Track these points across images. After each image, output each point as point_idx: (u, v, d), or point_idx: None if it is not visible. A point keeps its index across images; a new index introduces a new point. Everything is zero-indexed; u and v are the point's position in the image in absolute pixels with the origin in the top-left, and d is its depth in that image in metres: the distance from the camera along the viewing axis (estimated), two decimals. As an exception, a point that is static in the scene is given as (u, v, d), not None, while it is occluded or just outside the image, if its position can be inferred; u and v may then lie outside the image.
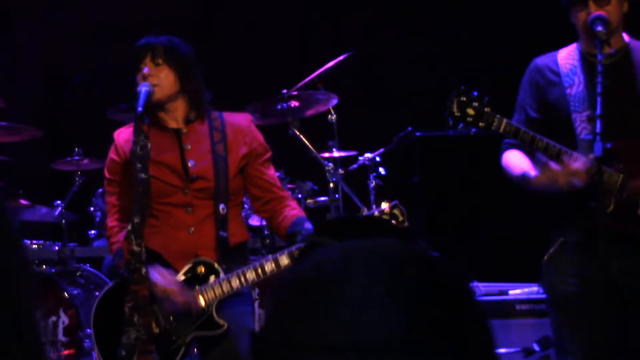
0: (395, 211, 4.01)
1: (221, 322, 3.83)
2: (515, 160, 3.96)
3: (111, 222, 4.04)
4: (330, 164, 5.79)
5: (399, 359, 1.11)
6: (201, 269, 3.88)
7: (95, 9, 7.78)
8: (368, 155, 6.19)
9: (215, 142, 3.99)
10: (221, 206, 3.95)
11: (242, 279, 3.82)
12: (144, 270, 3.61)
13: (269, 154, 4.13)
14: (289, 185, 6.14)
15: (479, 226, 7.53)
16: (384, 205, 4.02)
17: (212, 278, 3.86)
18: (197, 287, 3.84)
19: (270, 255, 3.91)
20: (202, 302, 3.83)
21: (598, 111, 3.54)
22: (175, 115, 4.02)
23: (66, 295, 5.58)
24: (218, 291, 3.83)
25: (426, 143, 6.89)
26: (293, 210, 4.04)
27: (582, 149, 3.79)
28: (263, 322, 1.22)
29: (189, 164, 3.96)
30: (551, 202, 3.99)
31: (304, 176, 6.17)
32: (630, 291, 3.79)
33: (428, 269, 1.19)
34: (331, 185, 5.78)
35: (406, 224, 3.99)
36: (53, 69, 7.95)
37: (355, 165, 6.20)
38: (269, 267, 3.83)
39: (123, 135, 4.07)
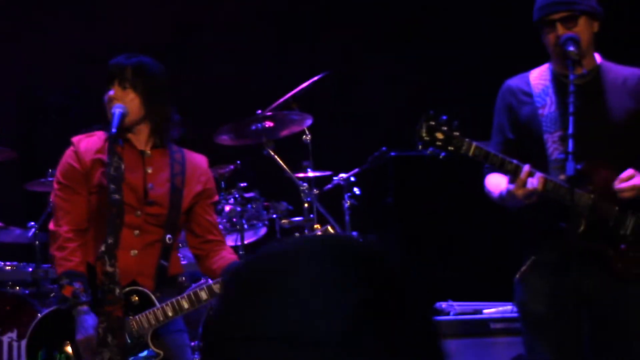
0: None
1: (157, 351, 3.82)
2: (494, 183, 3.98)
3: (66, 232, 3.90)
4: (305, 184, 5.78)
5: (339, 352, 1.10)
6: (135, 298, 3.85)
7: (70, 31, 7.75)
8: (343, 175, 6.19)
9: (174, 173, 4.01)
10: (168, 236, 3.96)
11: (177, 307, 3.82)
12: (117, 291, 3.59)
13: (216, 199, 4.23)
14: (264, 204, 6.13)
15: (453, 245, 7.54)
16: (317, 229, 4.03)
17: (146, 307, 3.83)
18: (131, 316, 3.81)
19: (204, 282, 3.91)
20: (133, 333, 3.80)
21: (570, 131, 3.57)
22: (140, 138, 4.00)
23: (40, 316, 5.53)
24: (153, 321, 3.81)
25: (401, 163, 6.88)
26: (231, 255, 4.09)
27: (554, 169, 3.81)
28: (213, 315, 1.23)
29: (148, 187, 3.95)
30: (523, 221, 4.00)
31: (278, 196, 6.16)
32: (600, 309, 3.81)
33: (374, 262, 1.19)
34: (306, 205, 5.76)
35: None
36: (27, 90, 7.91)
37: (330, 186, 6.21)
38: (204, 295, 3.84)
39: (84, 143, 4.00)
